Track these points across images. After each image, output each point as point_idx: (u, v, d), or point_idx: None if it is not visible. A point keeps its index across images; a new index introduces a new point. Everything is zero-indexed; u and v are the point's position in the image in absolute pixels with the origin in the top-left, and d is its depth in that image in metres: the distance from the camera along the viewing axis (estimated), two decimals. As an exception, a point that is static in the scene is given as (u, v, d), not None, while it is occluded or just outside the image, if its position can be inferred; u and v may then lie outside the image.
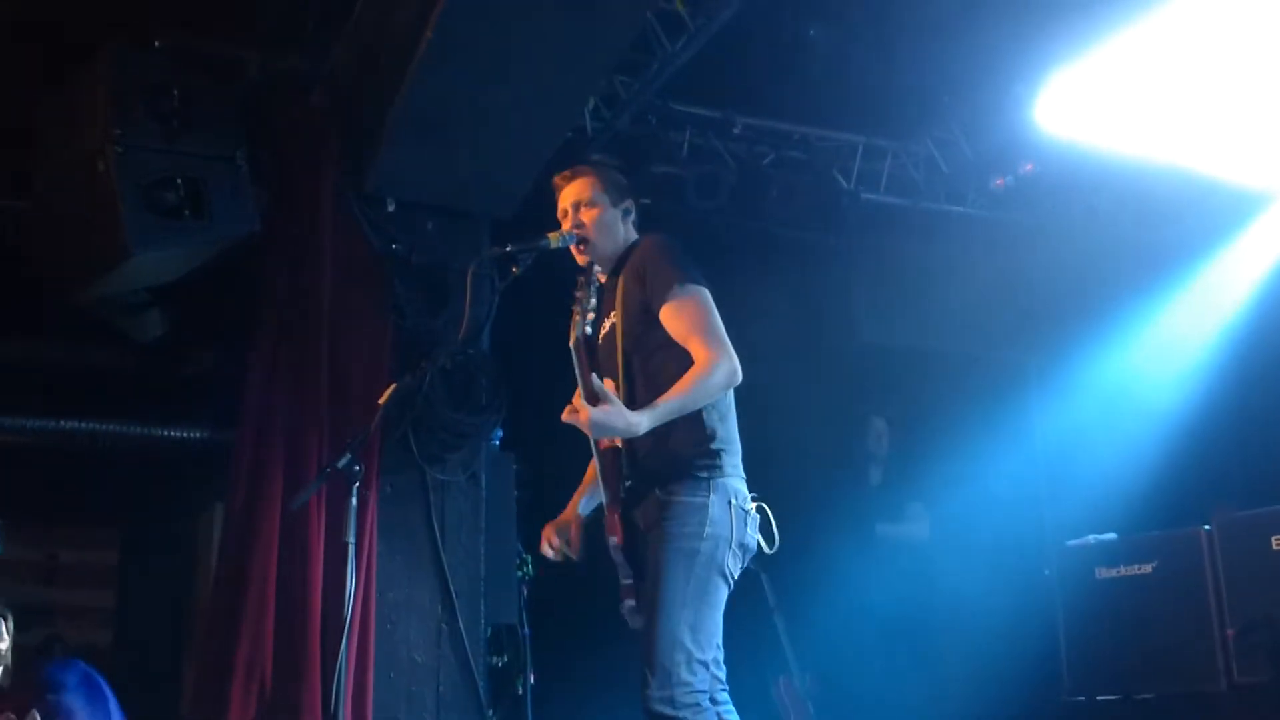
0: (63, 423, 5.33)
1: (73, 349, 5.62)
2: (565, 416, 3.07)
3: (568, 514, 3.53)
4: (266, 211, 4.89)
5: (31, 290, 5.05)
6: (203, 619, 4.82)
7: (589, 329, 3.20)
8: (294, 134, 5.08)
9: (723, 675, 3.24)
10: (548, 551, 3.49)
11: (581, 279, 3.29)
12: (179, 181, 4.57)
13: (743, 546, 3.17)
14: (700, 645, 3.04)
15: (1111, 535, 5.50)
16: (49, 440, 5.33)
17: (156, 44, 4.81)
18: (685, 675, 2.98)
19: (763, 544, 3.26)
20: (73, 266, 4.82)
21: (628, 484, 3.24)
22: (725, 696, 3.23)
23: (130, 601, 5.85)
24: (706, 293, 3.23)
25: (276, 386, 4.85)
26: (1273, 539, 4.71)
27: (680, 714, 2.95)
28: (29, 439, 5.29)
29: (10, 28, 4.66)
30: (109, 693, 2.63)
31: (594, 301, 3.22)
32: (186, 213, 4.58)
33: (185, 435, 5.39)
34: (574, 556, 3.47)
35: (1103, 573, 5.41)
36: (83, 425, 5.35)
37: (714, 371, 3.10)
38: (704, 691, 3.01)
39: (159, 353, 5.55)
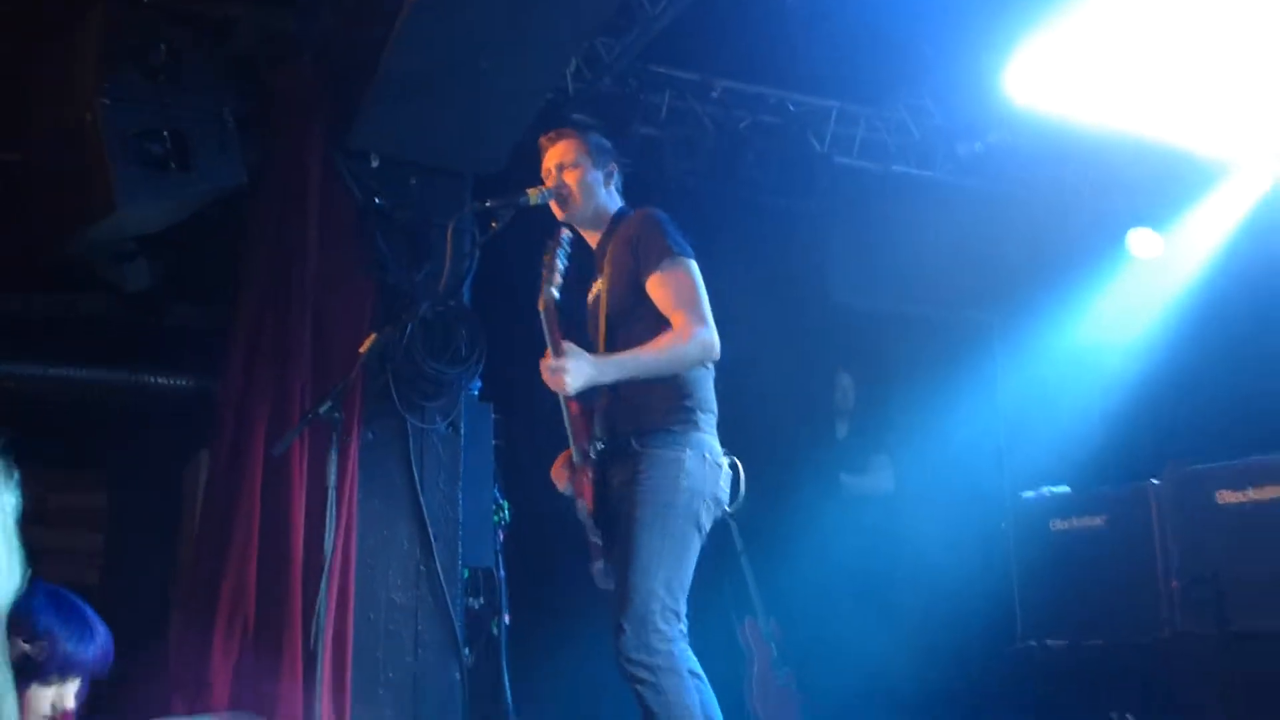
0: (52, 370, 5.29)
1: (62, 299, 5.55)
2: (543, 375, 3.09)
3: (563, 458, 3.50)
4: (253, 166, 4.84)
5: (21, 241, 5.00)
6: (188, 561, 4.82)
7: (556, 292, 3.21)
8: (281, 91, 5.03)
9: (684, 623, 3.27)
10: (561, 483, 3.45)
11: (551, 243, 3.29)
12: (165, 134, 4.51)
13: (715, 500, 3.20)
14: (674, 595, 3.07)
15: (1065, 489, 5.57)
16: (39, 387, 5.29)
17: (146, 0, 4.74)
18: (660, 624, 3.01)
19: (724, 497, 3.28)
20: (61, 217, 4.78)
21: (599, 445, 3.25)
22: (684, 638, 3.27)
23: (118, 542, 5.83)
24: (695, 266, 3.24)
25: (261, 336, 4.83)
26: (1217, 493, 4.77)
27: (655, 660, 2.97)
28: (19, 386, 5.25)
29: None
30: (78, 600, 2.61)
31: (561, 265, 3.23)
32: (172, 165, 4.53)
33: (172, 383, 5.37)
34: (567, 487, 3.46)
35: (1056, 524, 5.48)
36: (72, 373, 5.32)
37: (691, 340, 3.12)
38: (677, 640, 3.04)
39: (146, 302, 5.51)
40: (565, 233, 3.33)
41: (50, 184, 4.81)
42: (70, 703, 2.55)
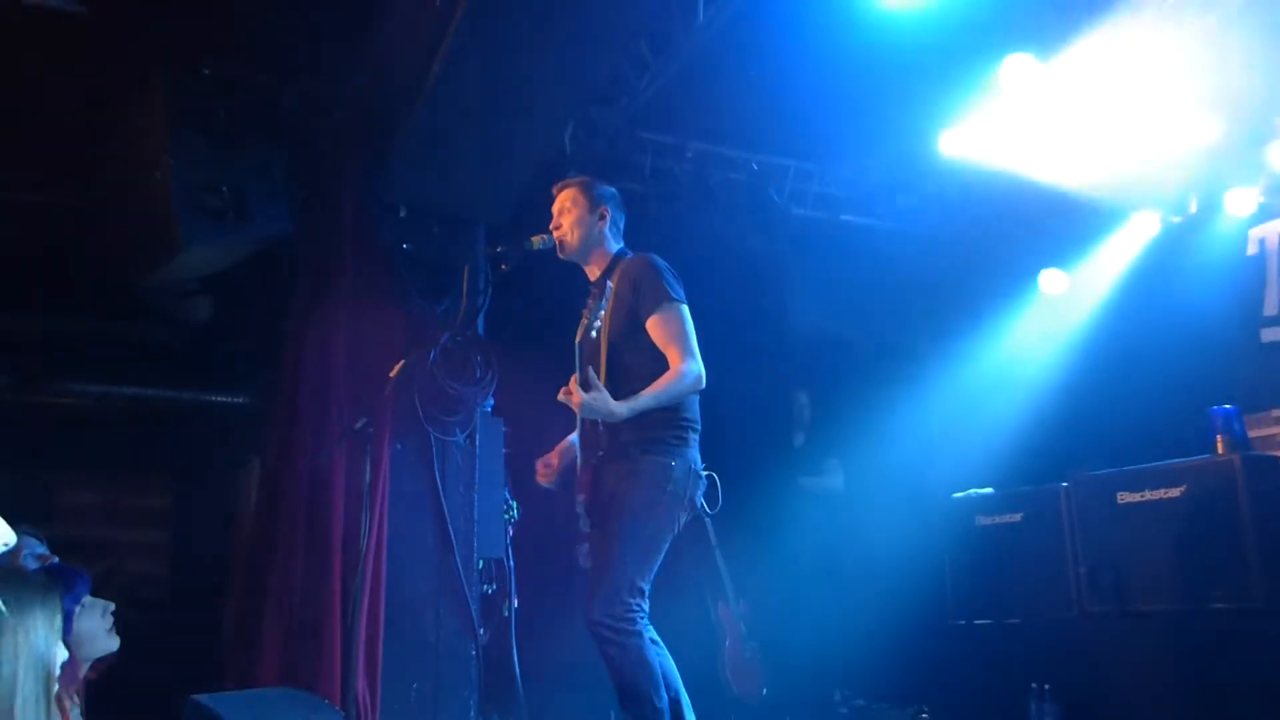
0: (125, 389, 5.29)
1: (135, 328, 5.55)
2: (560, 396, 3.12)
3: (555, 451, 3.58)
4: (298, 215, 4.85)
5: (97, 278, 4.99)
6: (242, 553, 4.80)
7: (594, 334, 3.25)
8: (321, 150, 5.03)
9: (648, 601, 3.29)
10: (541, 474, 3.52)
11: (595, 290, 3.33)
12: (224, 189, 4.53)
13: (692, 503, 3.25)
14: (643, 576, 3.11)
15: (989, 490, 5.57)
16: (114, 404, 5.28)
17: (206, 72, 4.74)
18: (626, 597, 3.04)
19: (706, 505, 3.31)
20: (132, 259, 4.78)
21: (600, 454, 3.27)
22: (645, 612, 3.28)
23: (183, 538, 5.81)
24: (686, 310, 3.29)
25: (305, 360, 4.82)
26: (1117, 494, 4.76)
27: (619, 625, 3.01)
28: (97, 403, 5.24)
29: (83, 55, 4.58)
30: (65, 570, 2.60)
31: (602, 311, 3.26)
32: (230, 214, 4.54)
33: (229, 400, 5.37)
34: (551, 480, 3.48)
35: (981, 520, 5.47)
36: (143, 391, 5.31)
37: (685, 376, 3.16)
38: (640, 612, 3.07)
39: (208, 332, 5.50)
40: (609, 284, 3.36)
41: (121, 229, 4.81)
42: (107, 605, 2.54)
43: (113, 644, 2.58)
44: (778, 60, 5.47)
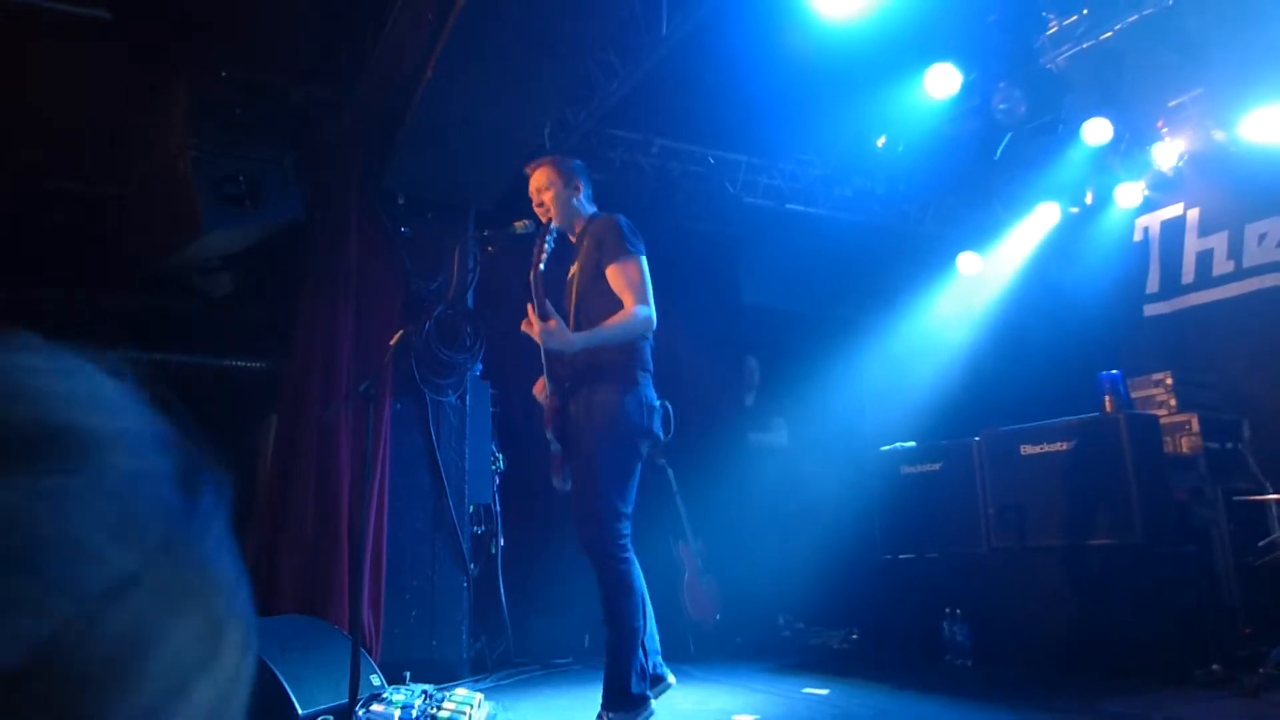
0: (156, 355, 5.21)
1: (162, 301, 5.46)
2: (523, 327, 3.10)
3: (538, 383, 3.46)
4: (308, 202, 4.79)
5: (129, 258, 4.92)
6: (261, 500, 4.77)
7: (543, 267, 3.21)
8: (329, 144, 4.97)
9: (629, 522, 3.28)
10: (538, 392, 3.42)
11: (543, 231, 3.30)
12: (241, 178, 4.47)
13: (649, 432, 3.21)
14: (623, 500, 3.09)
15: (912, 443, 5.62)
16: (146, 368, 5.20)
17: (223, 74, 4.66)
18: (613, 523, 3.04)
19: (661, 431, 3.30)
20: (162, 239, 4.70)
21: (566, 384, 3.26)
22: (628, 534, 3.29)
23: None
24: (644, 260, 3.26)
25: (315, 331, 4.78)
26: (1021, 447, 4.82)
27: (611, 549, 3.01)
28: (131, 367, 5.17)
29: (115, 57, 4.49)
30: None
31: (549, 248, 3.23)
32: (247, 202, 4.48)
33: (247, 365, 5.31)
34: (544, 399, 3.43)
35: (905, 469, 5.51)
36: (171, 357, 5.24)
37: (634, 318, 3.14)
38: (627, 538, 3.07)
39: (228, 304, 5.43)
40: (553, 225, 3.33)
41: (149, 215, 4.73)
42: None
43: None
44: (732, 67, 5.45)
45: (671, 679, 3.23)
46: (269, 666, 3.53)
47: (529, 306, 3.13)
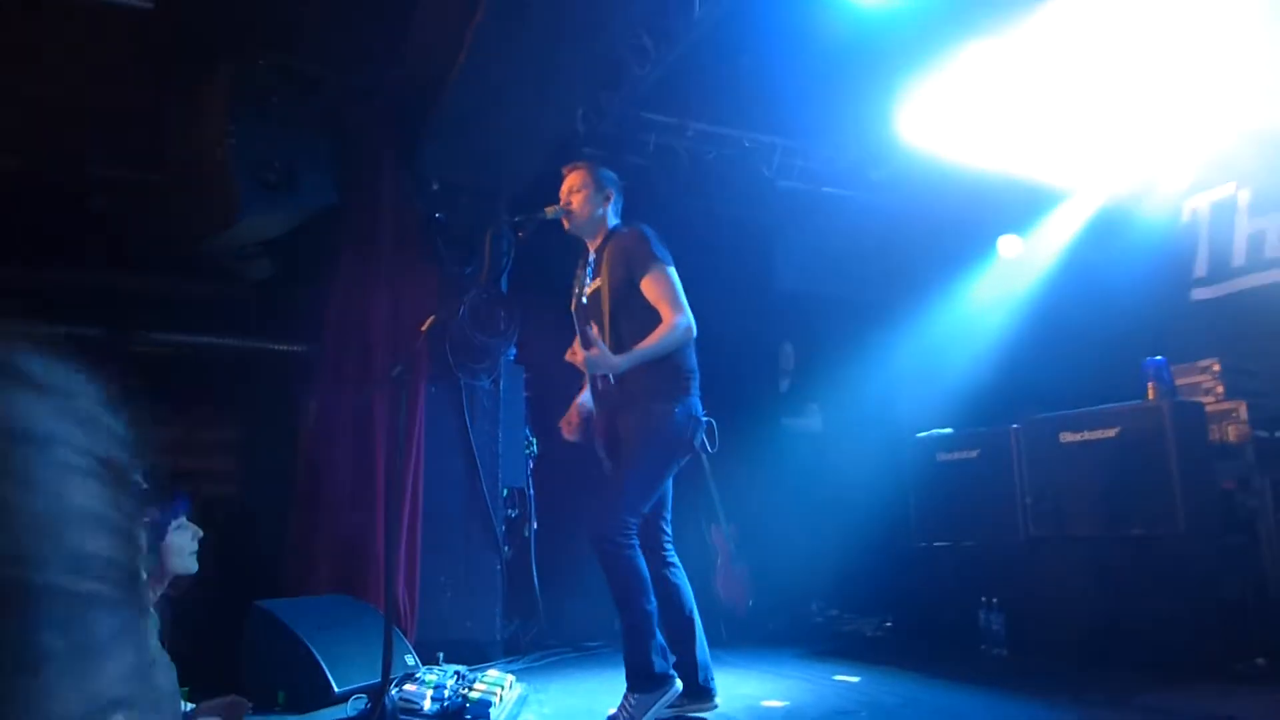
0: (199, 338, 5.32)
1: (206, 284, 5.56)
2: (567, 358, 3.14)
3: (571, 411, 3.56)
4: (342, 188, 4.84)
5: (168, 242, 5.01)
6: (300, 481, 4.85)
7: (585, 299, 3.24)
8: (363, 131, 5.02)
9: (669, 531, 3.30)
10: (567, 432, 3.52)
11: (581, 261, 3.32)
12: (277, 165, 4.53)
13: (691, 445, 3.26)
14: (643, 501, 3.13)
15: (949, 430, 5.55)
16: (190, 351, 5.31)
17: (261, 62, 4.71)
18: (624, 515, 3.07)
19: (708, 445, 3.33)
20: (201, 225, 4.78)
21: (613, 404, 3.29)
22: (670, 548, 3.30)
23: (249, 466, 5.87)
24: (673, 269, 3.29)
25: (350, 315, 4.84)
26: (1060, 434, 4.74)
27: (614, 537, 3.04)
28: (175, 350, 5.27)
29: (155, 45, 4.56)
30: (171, 490, 2.68)
31: (589, 278, 3.26)
32: (283, 188, 4.54)
33: (286, 349, 5.38)
34: (574, 435, 3.50)
35: (941, 456, 5.45)
36: (213, 340, 5.34)
37: (675, 328, 3.17)
38: (634, 530, 3.08)
39: (269, 288, 5.51)
40: (591, 254, 3.36)
41: (187, 199, 4.81)
42: (197, 531, 2.62)
43: (192, 566, 2.63)
44: (766, 50, 5.38)
45: (717, 700, 3.25)
46: (306, 644, 3.60)
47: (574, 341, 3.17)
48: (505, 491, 5.27)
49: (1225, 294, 5.38)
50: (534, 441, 5.51)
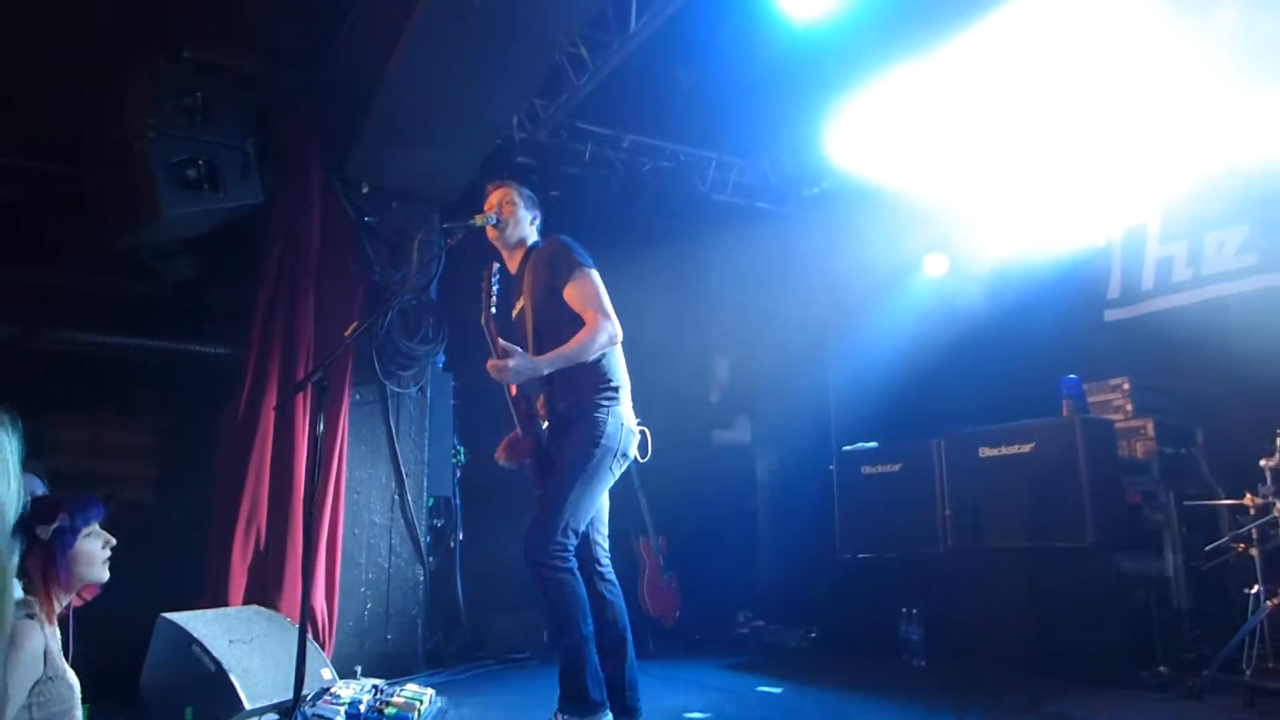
0: (114, 338, 5.12)
1: (123, 283, 5.36)
2: (491, 372, 3.07)
3: (501, 447, 3.43)
4: (269, 188, 4.72)
5: (85, 237, 4.82)
6: (218, 486, 4.70)
7: (494, 310, 3.19)
8: (292, 131, 4.90)
9: (605, 545, 3.26)
10: (503, 460, 3.40)
11: (485, 274, 3.28)
12: (200, 162, 4.40)
13: (625, 456, 3.21)
14: (577, 519, 3.06)
15: (873, 444, 5.63)
16: (104, 351, 5.12)
17: (186, 56, 4.57)
18: (559, 538, 3.01)
19: (638, 456, 3.30)
20: (117, 221, 4.61)
21: (544, 424, 3.24)
22: (607, 564, 3.26)
23: (166, 472, 5.67)
24: (596, 274, 3.23)
25: (276, 318, 4.72)
26: (979, 449, 4.84)
27: (552, 561, 2.97)
28: (88, 350, 5.07)
29: (73, 36, 4.39)
30: (84, 495, 2.57)
31: (496, 289, 3.21)
32: (205, 186, 4.41)
33: (208, 350, 5.22)
34: (517, 465, 3.41)
35: (866, 469, 5.52)
36: (129, 341, 5.15)
37: (598, 333, 3.12)
38: (570, 551, 3.03)
39: (189, 288, 5.34)
40: (495, 265, 3.31)
41: (106, 194, 4.64)
42: (109, 539, 2.52)
43: (103, 575, 2.51)
44: (702, 65, 5.45)
45: None
46: (215, 658, 3.47)
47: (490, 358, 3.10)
48: (431, 501, 5.18)
49: (1135, 315, 5.57)
50: (462, 450, 5.44)
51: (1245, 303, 5.01)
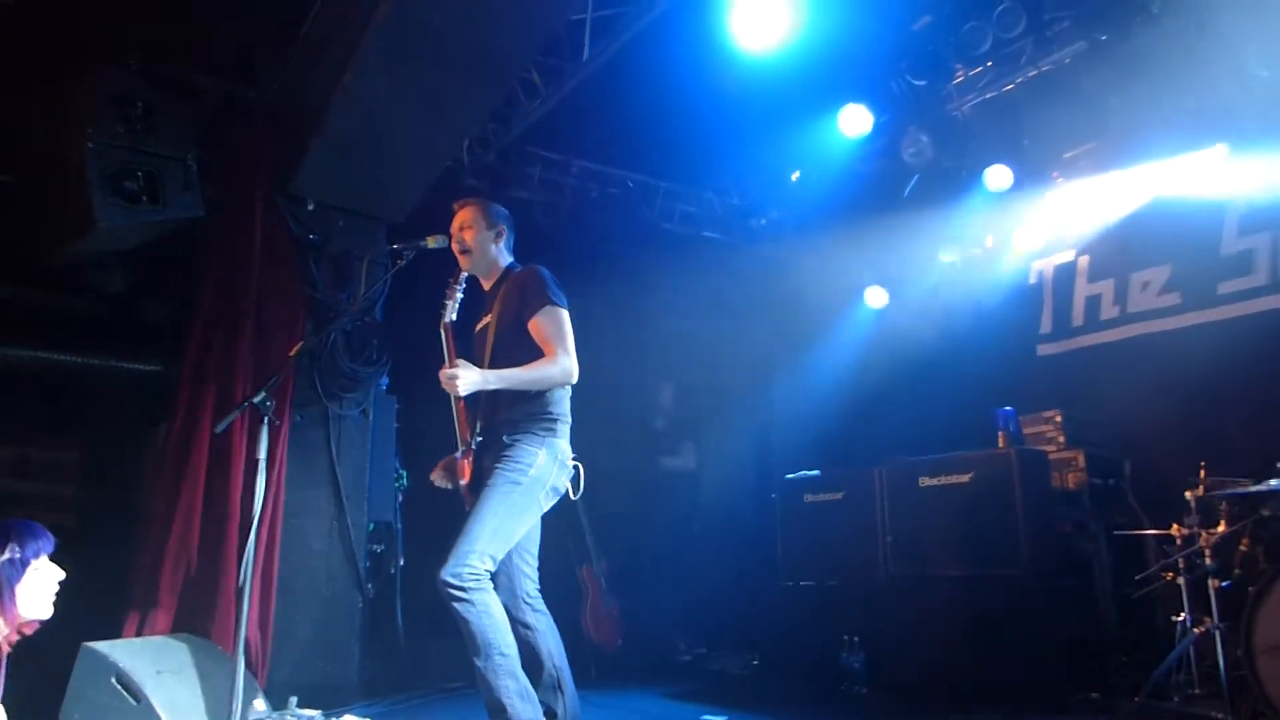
0: (39, 353, 4.90)
1: (53, 296, 5.15)
2: (442, 382, 3.00)
3: (437, 466, 3.38)
4: (211, 201, 4.58)
5: (15, 246, 4.62)
6: (147, 513, 4.51)
7: (454, 316, 3.14)
8: (238, 145, 4.78)
9: (535, 577, 3.19)
10: (437, 480, 3.34)
11: (452, 280, 3.23)
12: (139, 174, 4.26)
13: (555, 490, 3.14)
14: (495, 547, 2.97)
15: (815, 472, 5.65)
16: (31, 366, 4.89)
17: (131, 64, 4.44)
18: (473, 561, 2.90)
19: (570, 491, 3.23)
20: (51, 231, 4.45)
21: (479, 438, 3.18)
22: (537, 595, 3.19)
23: (90, 493, 5.42)
24: (566, 314, 3.18)
25: (213, 336, 4.56)
26: (919, 479, 4.91)
27: (464, 584, 2.87)
28: (10, 364, 4.84)
29: (15, 39, 4.23)
30: (16, 520, 2.46)
31: (460, 298, 3.16)
32: (144, 198, 4.27)
33: (139, 368, 5.02)
34: (453, 485, 3.34)
35: (809, 498, 5.53)
36: (56, 355, 4.94)
37: (555, 366, 3.08)
38: (483, 577, 2.92)
39: (122, 302, 5.15)
40: (463, 274, 3.27)
41: (41, 204, 4.47)
42: (59, 572, 2.41)
43: (47, 611, 2.38)
44: (655, 95, 5.48)
45: None
46: (141, 689, 3.32)
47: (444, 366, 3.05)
48: (372, 525, 5.05)
49: (1067, 350, 5.75)
50: (404, 474, 5.32)
51: (1169, 340, 5.20)
